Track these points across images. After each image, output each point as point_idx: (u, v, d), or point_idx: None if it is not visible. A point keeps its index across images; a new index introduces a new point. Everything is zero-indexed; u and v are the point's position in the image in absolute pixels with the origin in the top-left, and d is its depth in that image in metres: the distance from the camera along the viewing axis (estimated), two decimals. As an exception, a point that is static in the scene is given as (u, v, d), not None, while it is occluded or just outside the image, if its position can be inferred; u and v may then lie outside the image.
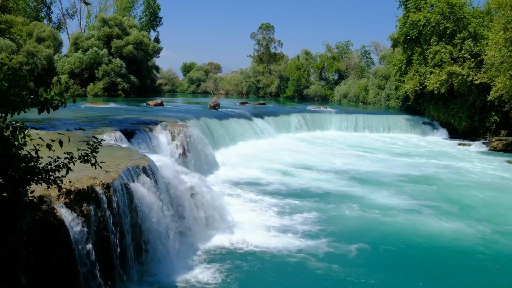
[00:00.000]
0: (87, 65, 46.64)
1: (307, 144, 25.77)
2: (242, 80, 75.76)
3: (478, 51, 29.69)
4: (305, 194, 14.04)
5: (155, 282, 7.56)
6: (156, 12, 69.71)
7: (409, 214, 12.26)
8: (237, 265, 8.46)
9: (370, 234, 10.55)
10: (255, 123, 26.54)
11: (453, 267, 9.01)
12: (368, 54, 66.94)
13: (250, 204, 12.59)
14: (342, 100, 59.96)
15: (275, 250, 9.19)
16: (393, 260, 9.20)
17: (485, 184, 16.94)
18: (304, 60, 67.94)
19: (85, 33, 53.29)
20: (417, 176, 17.77)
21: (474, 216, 12.31)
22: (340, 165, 19.29)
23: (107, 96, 45.61)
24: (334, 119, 33.67)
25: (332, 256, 9.05)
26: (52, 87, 4.59)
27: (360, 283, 7.97)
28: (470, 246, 10.05)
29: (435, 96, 32.21)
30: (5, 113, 4.40)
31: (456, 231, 10.98)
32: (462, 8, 30.80)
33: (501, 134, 30.08)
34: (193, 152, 15.65)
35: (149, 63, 54.24)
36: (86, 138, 10.92)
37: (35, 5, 61.66)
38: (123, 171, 7.65)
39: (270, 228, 10.55)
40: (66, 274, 5.92)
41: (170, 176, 9.46)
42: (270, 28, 73.97)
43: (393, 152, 24.31)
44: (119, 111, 23.32)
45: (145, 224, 7.72)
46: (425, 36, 31.56)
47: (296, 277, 8.19)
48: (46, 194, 5.87)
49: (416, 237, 10.42)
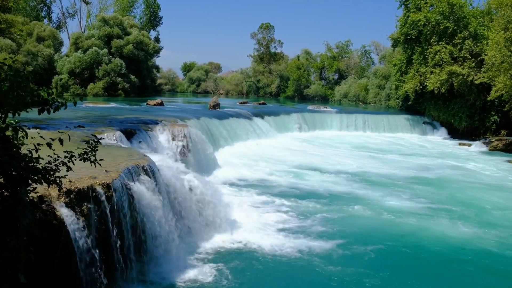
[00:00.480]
0: (87, 64, 46.67)
1: (307, 144, 25.76)
2: (242, 80, 75.80)
3: (479, 51, 29.68)
4: (306, 195, 13.98)
5: (155, 281, 7.55)
6: (156, 11, 69.79)
7: (420, 216, 12.07)
8: (238, 265, 8.45)
9: (381, 236, 10.43)
10: (255, 123, 26.54)
11: (469, 271, 8.86)
12: (368, 53, 67.05)
13: (250, 204, 12.56)
14: (342, 100, 59.97)
15: (276, 251, 9.16)
16: (405, 263, 9.10)
17: (493, 185, 16.81)
18: (304, 60, 67.96)
19: (85, 33, 53.30)
20: (424, 177, 17.64)
21: (487, 218, 12.17)
22: (344, 165, 19.28)
23: (107, 95, 45.65)
24: (335, 119, 33.66)
25: (336, 258, 9.00)
26: (52, 88, 4.59)
27: (368, 286, 7.92)
28: (485, 249, 9.85)
29: (435, 96, 32.19)
30: (5, 114, 4.40)
31: (471, 234, 10.81)
32: (462, 8, 30.78)
33: (501, 134, 30.07)
34: (193, 151, 15.64)
35: (149, 62, 54.28)
36: (86, 138, 10.93)
37: (35, 5, 61.71)
38: (123, 170, 7.65)
39: (271, 228, 10.52)
40: (66, 274, 5.92)
41: (170, 175, 9.45)
42: (270, 27, 74.03)
43: (396, 152, 24.29)
44: (119, 111, 23.31)
45: (145, 224, 7.71)
46: (425, 35, 31.55)
47: (298, 278, 8.17)
48: (46, 193, 5.87)
49: (429, 240, 10.23)
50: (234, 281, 7.80)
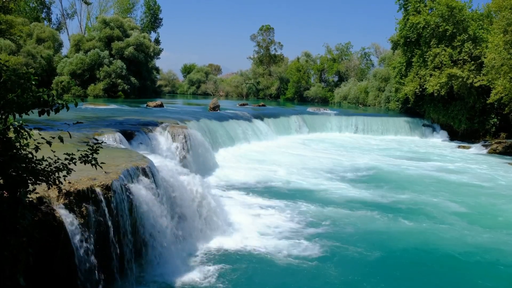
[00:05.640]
0: (88, 66, 46.73)
1: (307, 146, 25.76)
2: (242, 82, 75.76)
3: (478, 53, 29.71)
4: (306, 196, 13.96)
5: (154, 282, 7.55)
6: (157, 13, 69.92)
7: (419, 218, 12.08)
8: (237, 267, 8.45)
9: (381, 237, 10.44)
10: (255, 125, 26.54)
11: (469, 271, 8.89)
12: (368, 56, 67.04)
13: (249, 205, 12.56)
14: (342, 102, 59.96)
15: (275, 253, 9.17)
16: (408, 267, 9.08)
17: (493, 187, 16.75)
18: (304, 62, 67.96)
19: (85, 34, 53.37)
20: (423, 179, 17.68)
21: (487, 220, 12.17)
22: (344, 167, 19.29)
23: (107, 97, 45.69)
24: (334, 121, 33.70)
25: (334, 261, 9.00)
26: (53, 89, 4.59)
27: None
28: (486, 250, 9.84)
29: (435, 99, 32.23)
30: (6, 115, 4.40)
31: (471, 234, 10.83)
32: (461, 10, 30.83)
33: (501, 136, 30.06)
34: (193, 153, 15.65)
35: (149, 64, 54.33)
36: (86, 139, 10.94)
37: (35, 6, 61.75)
38: (123, 172, 7.66)
39: (270, 230, 10.52)
40: (66, 275, 5.92)
41: (170, 177, 9.45)
42: (270, 30, 74.01)
43: (394, 155, 24.30)
44: (119, 112, 23.33)
45: (144, 225, 7.72)
46: (425, 38, 31.61)
47: (297, 280, 8.17)
48: (45, 195, 5.88)
49: (443, 247, 10.15)
50: (233, 283, 7.81)
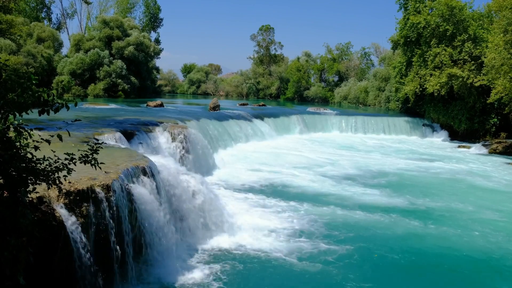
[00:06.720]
0: (88, 65, 46.73)
1: (307, 146, 25.75)
2: (242, 82, 75.74)
3: (478, 53, 29.70)
4: (305, 197, 13.95)
5: (154, 282, 7.56)
6: (157, 13, 69.91)
7: (418, 218, 12.07)
8: (236, 266, 8.46)
9: (381, 238, 10.43)
10: (255, 125, 26.54)
11: (468, 272, 8.88)
12: (368, 56, 66.98)
13: (249, 205, 12.56)
14: (342, 102, 59.94)
15: (275, 253, 9.17)
16: (407, 267, 9.08)
17: (493, 187, 16.76)
18: (304, 62, 67.95)
19: (85, 34, 53.37)
20: (423, 179, 17.67)
21: (486, 220, 12.12)
22: (343, 167, 19.29)
23: (107, 96, 45.68)
24: (335, 121, 33.69)
25: (332, 261, 9.00)
26: (53, 88, 4.59)
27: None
28: (487, 251, 9.83)
29: (435, 98, 32.22)
30: (6, 115, 4.40)
31: (471, 235, 10.80)
32: (461, 10, 30.82)
33: (501, 136, 30.05)
34: (192, 153, 15.66)
35: (149, 64, 54.32)
36: (86, 139, 10.93)
37: (35, 6, 61.76)
38: (123, 171, 7.66)
39: (269, 230, 10.51)
40: (66, 274, 5.92)
41: (170, 177, 9.46)
42: (270, 29, 73.98)
43: (394, 155, 24.29)
44: (119, 112, 23.32)
45: (144, 225, 7.72)
46: (425, 38, 31.60)
47: (296, 281, 8.18)
48: (45, 194, 5.88)
49: (427, 242, 10.20)
50: (233, 283, 7.81)
